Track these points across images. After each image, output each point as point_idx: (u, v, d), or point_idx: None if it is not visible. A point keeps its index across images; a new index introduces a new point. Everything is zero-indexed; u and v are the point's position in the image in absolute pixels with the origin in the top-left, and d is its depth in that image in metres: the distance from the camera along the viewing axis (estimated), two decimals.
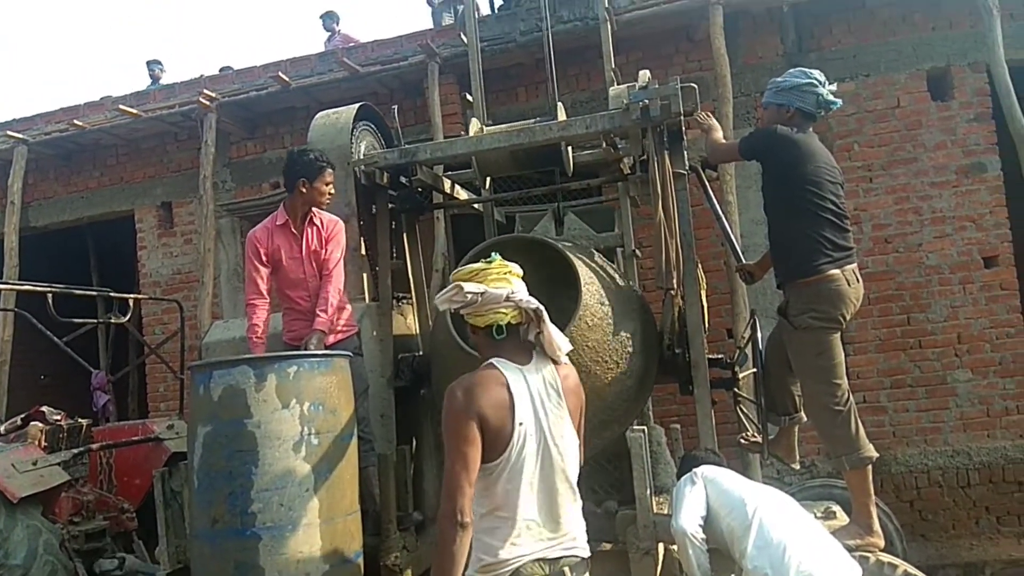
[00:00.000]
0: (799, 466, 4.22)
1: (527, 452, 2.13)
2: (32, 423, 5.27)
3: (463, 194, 4.83)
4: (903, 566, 3.24)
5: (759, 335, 3.76)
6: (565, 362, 2.29)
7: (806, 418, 3.70)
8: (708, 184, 4.20)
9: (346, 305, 3.73)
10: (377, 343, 3.88)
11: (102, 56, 36.35)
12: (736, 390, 3.91)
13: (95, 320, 6.97)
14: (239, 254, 7.42)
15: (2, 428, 5.40)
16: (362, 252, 4.09)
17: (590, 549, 2.28)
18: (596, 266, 3.64)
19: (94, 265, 9.97)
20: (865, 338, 6.13)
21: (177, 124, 7.76)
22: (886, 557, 3.30)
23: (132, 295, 7.09)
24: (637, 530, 3.30)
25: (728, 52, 6.17)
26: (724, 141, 4.02)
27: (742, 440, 3.93)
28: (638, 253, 5.08)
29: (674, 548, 3.16)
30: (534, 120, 4.31)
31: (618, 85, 4.19)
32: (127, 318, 6.75)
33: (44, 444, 5.13)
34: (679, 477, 3.25)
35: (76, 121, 7.71)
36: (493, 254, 2.29)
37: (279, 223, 3.75)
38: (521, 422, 2.12)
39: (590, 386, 2.91)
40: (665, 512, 3.33)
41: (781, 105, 3.58)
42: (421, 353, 4.03)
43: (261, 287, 3.70)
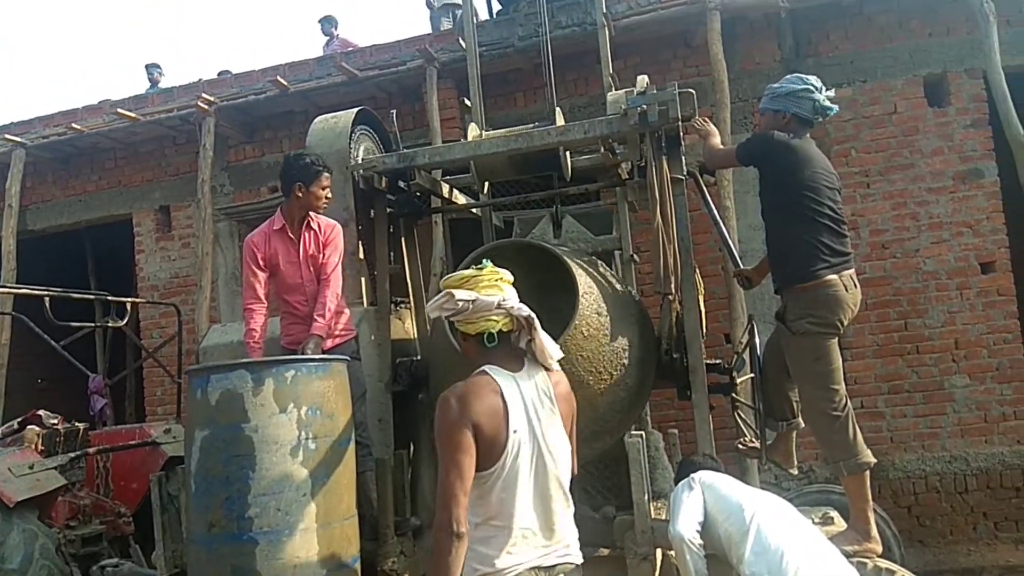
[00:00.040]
0: (797, 471, 4.22)
1: (522, 460, 2.11)
2: (29, 427, 5.25)
3: (461, 198, 4.84)
4: (901, 572, 3.24)
5: (757, 340, 3.76)
6: (556, 369, 2.27)
7: (804, 423, 3.70)
8: (706, 189, 4.20)
9: (344, 309, 3.72)
10: (375, 347, 3.88)
11: (101, 56, 36.37)
12: (734, 395, 3.91)
13: (92, 324, 6.95)
14: (237, 258, 7.42)
15: None
16: (360, 256, 4.09)
17: (588, 554, 2.28)
18: (596, 274, 3.63)
19: (92, 269, 9.96)
20: (863, 343, 6.13)
21: (175, 128, 7.75)
22: (884, 563, 3.30)
23: (130, 299, 7.09)
24: (635, 535, 3.30)
25: (726, 58, 6.18)
26: (721, 147, 4.04)
27: (740, 445, 3.93)
28: (636, 258, 5.08)
29: (672, 554, 3.16)
30: (532, 125, 4.32)
31: (616, 90, 4.21)
32: (125, 322, 6.75)
33: (41, 448, 5.11)
34: (677, 482, 3.25)
35: (74, 124, 7.70)
36: (484, 260, 2.27)
37: (276, 228, 3.74)
38: (515, 429, 2.10)
39: (583, 396, 2.90)
40: (663, 517, 3.33)
41: (777, 111, 3.59)
42: (419, 357, 4.03)
43: (259, 292, 3.69)
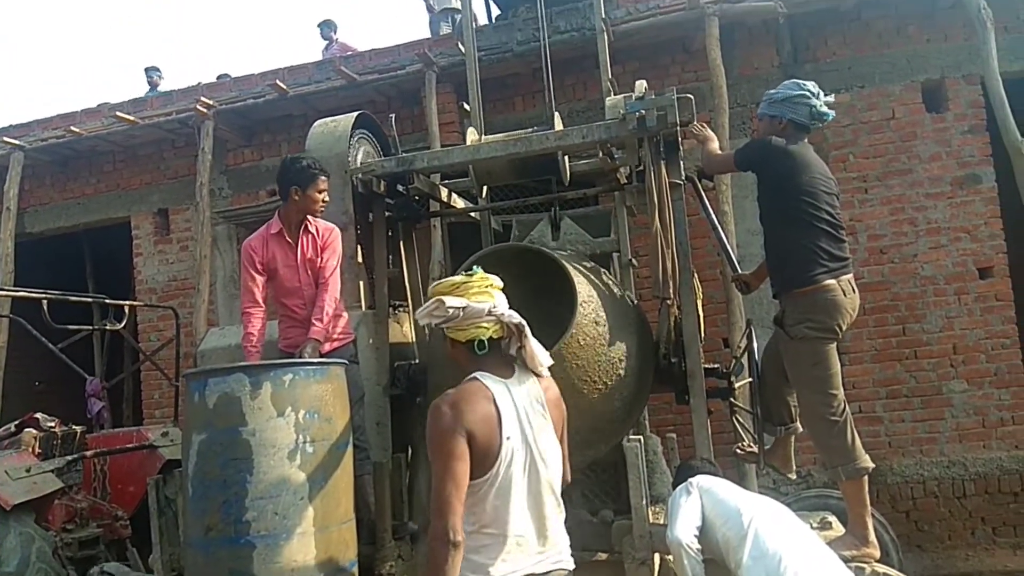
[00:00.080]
0: (795, 476, 4.22)
1: (515, 467, 2.09)
2: (26, 430, 5.24)
3: (460, 202, 4.85)
4: None
5: (755, 345, 3.77)
6: (546, 375, 2.26)
7: (802, 428, 3.70)
8: (704, 194, 4.21)
9: (342, 313, 3.72)
10: (373, 351, 3.87)
11: (101, 56, 36.41)
12: (732, 400, 3.91)
13: (90, 327, 6.94)
14: (235, 261, 7.42)
15: None
16: (359, 260, 4.08)
17: (586, 559, 2.27)
18: (597, 282, 3.60)
19: (90, 272, 9.95)
20: (861, 348, 6.14)
21: (174, 131, 7.75)
22: (882, 568, 3.30)
23: (128, 302, 7.10)
24: (633, 540, 3.29)
25: (724, 63, 6.20)
26: (720, 152, 4.04)
27: (738, 450, 3.93)
28: (634, 262, 5.09)
29: (670, 558, 3.15)
30: (531, 129, 4.33)
31: (615, 95, 4.20)
32: (122, 325, 6.75)
33: (38, 451, 5.11)
34: (675, 487, 3.25)
35: (73, 127, 7.70)
36: (475, 267, 2.26)
37: (273, 232, 3.73)
38: (508, 436, 2.08)
39: (576, 404, 2.89)
40: (661, 522, 3.33)
41: (774, 117, 3.61)
42: (417, 361, 4.03)
43: (257, 296, 3.68)
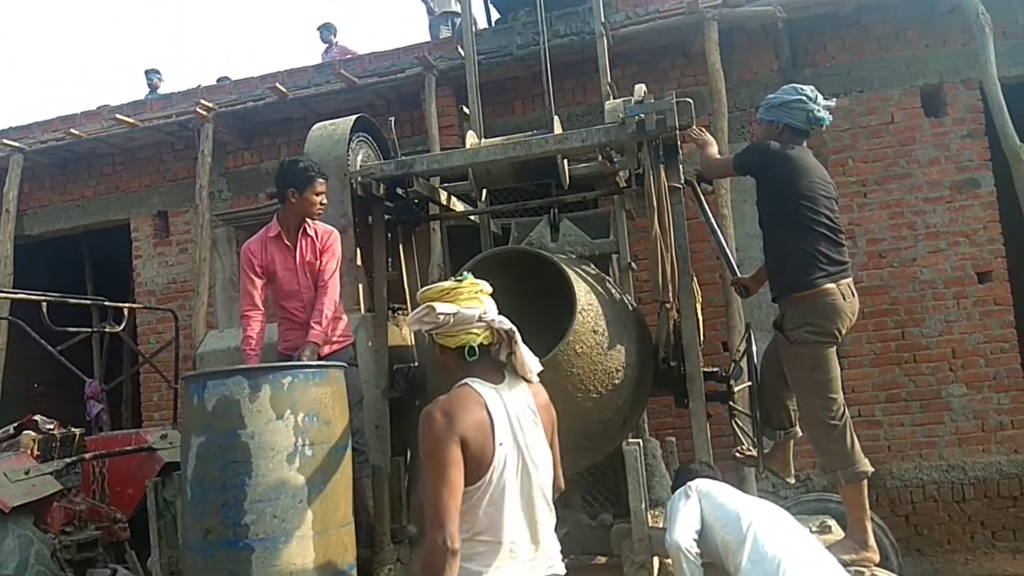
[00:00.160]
0: (794, 480, 4.22)
1: (508, 473, 2.08)
2: (25, 432, 5.24)
3: (459, 206, 4.85)
4: None
5: (754, 348, 3.76)
6: (535, 381, 2.26)
7: (801, 432, 3.70)
8: (703, 198, 4.21)
9: (342, 316, 3.72)
10: (372, 354, 3.87)
11: (101, 56, 36.47)
12: (731, 404, 3.91)
13: (89, 329, 6.94)
14: (234, 264, 7.42)
15: None
16: (358, 263, 4.08)
17: (585, 562, 2.27)
18: (599, 289, 3.57)
19: (89, 274, 9.95)
20: (860, 352, 6.14)
21: (174, 134, 7.75)
22: (881, 572, 3.30)
23: (127, 304, 7.10)
24: (632, 543, 3.29)
25: (723, 67, 6.21)
26: (719, 156, 4.05)
27: (737, 454, 3.92)
28: (634, 266, 5.09)
29: (669, 562, 3.15)
30: (530, 133, 4.33)
31: (614, 99, 4.21)
32: (122, 327, 6.75)
33: (37, 453, 5.10)
34: (674, 490, 3.25)
35: (73, 130, 7.70)
36: (465, 273, 2.26)
37: (272, 235, 3.73)
38: (501, 442, 2.07)
39: (569, 411, 2.89)
40: (660, 526, 3.33)
41: (772, 121, 3.62)
42: (416, 364, 4.03)
43: (256, 299, 3.68)
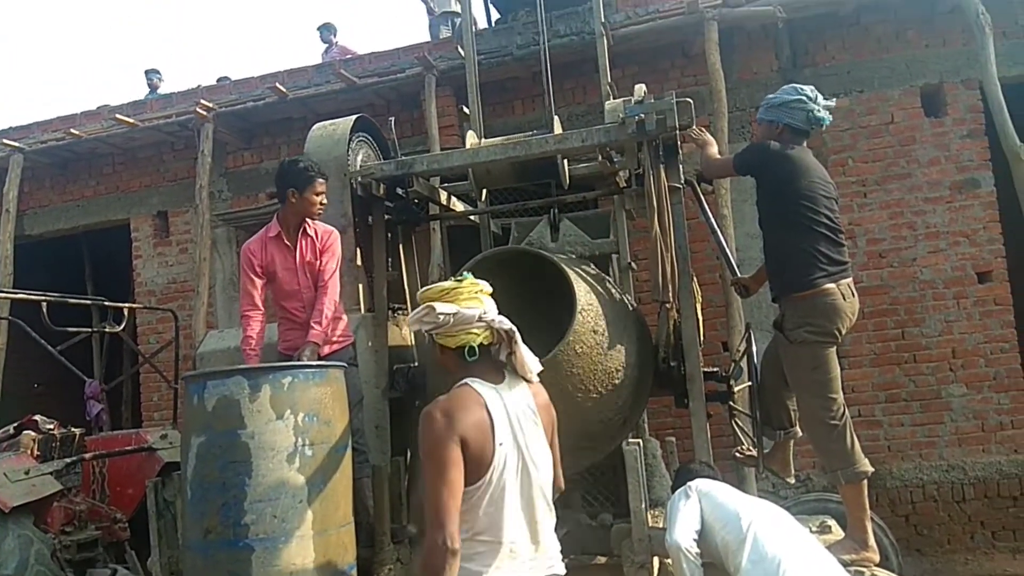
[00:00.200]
0: (794, 480, 4.22)
1: (508, 473, 2.08)
2: (25, 432, 5.24)
3: (459, 206, 4.85)
4: None
5: (754, 348, 3.76)
6: (535, 381, 2.26)
7: (801, 432, 3.70)
8: (703, 198, 4.21)
9: (342, 315, 3.72)
10: (372, 354, 3.87)
11: (101, 56, 36.50)
12: (731, 404, 3.91)
13: (89, 329, 6.94)
14: (234, 264, 7.42)
15: None
16: (358, 263, 4.08)
17: (585, 562, 2.27)
18: (599, 290, 3.57)
19: (89, 274, 9.95)
20: (860, 352, 6.14)
21: (174, 134, 7.75)
22: (881, 572, 3.30)
23: (127, 304, 7.10)
24: (632, 543, 3.29)
25: (723, 67, 6.21)
26: (719, 156, 4.05)
27: (737, 454, 3.92)
28: (634, 266, 5.09)
29: (669, 562, 3.15)
30: (530, 133, 4.33)
31: (614, 99, 4.21)
32: (122, 327, 6.75)
33: (37, 453, 5.10)
34: (674, 490, 3.25)
35: (73, 130, 7.70)
36: (465, 272, 2.26)
37: (272, 235, 3.73)
38: (501, 442, 2.07)
39: (569, 412, 2.88)
40: (660, 526, 3.33)
41: (771, 121, 3.62)
42: (416, 364, 4.03)
43: (256, 299, 3.68)
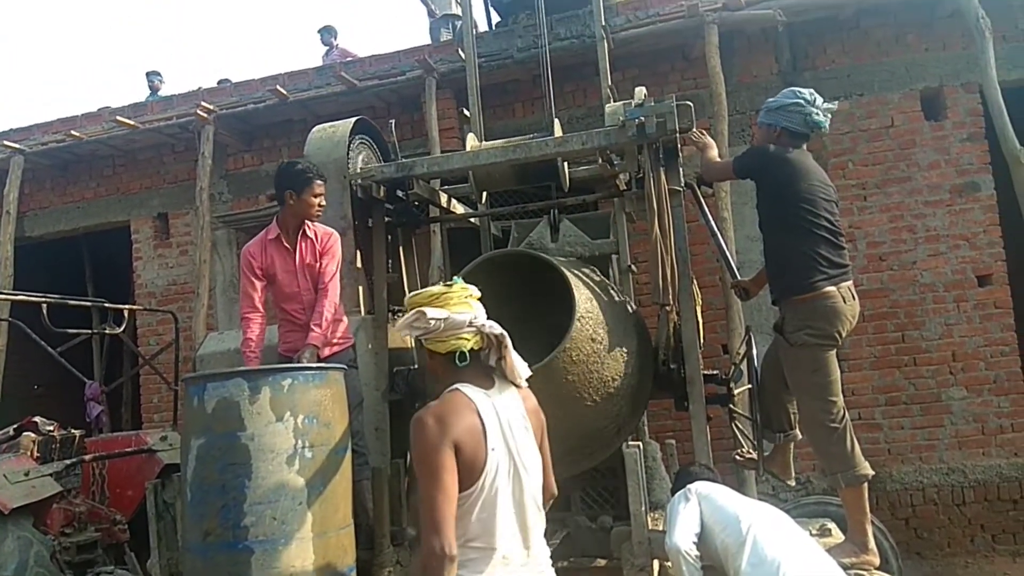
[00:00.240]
0: (794, 483, 4.21)
1: (500, 479, 2.07)
2: (24, 433, 5.24)
3: (459, 208, 4.85)
4: None
5: (754, 351, 3.77)
6: (524, 386, 2.25)
7: (801, 435, 3.70)
8: (703, 201, 4.22)
9: (342, 318, 3.72)
10: (372, 356, 3.87)
11: (102, 56, 36.54)
12: (731, 406, 3.91)
13: (89, 331, 6.94)
14: (235, 266, 7.42)
15: None
16: (358, 265, 4.09)
17: (585, 565, 2.27)
18: (600, 296, 3.56)
19: (89, 276, 9.95)
20: (860, 355, 6.14)
21: (174, 136, 7.76)
22: (881, 575, 3.30)
23: (127, 306, 7.09)
24: (632, 546, 3.29)
25: (723, 70, 6.22)
26: (719, 159, 4.06)
27: (737, 456, 3.92)
28: (634, 268, 5.09)
29: (668, 565, 3.15)
30: (531, 136, 4.34)
31: (614, 102, 4.22)
32: (122, 329, 6.75)
33: (36, 455, 5.10)
34: (674, 493, 3.25)
35: (73, 132, 7.70)
36: (455, 278, 2.26)
37: (272, 237, 3.73)
38: (493, 448, 2.06)
39: (563, 418, 2.88)
40: (660, 528, 3.32)
41: (770, 125, 3.63)
42: (416, 366, 4.03)
43: (255, 301, 3.68)
